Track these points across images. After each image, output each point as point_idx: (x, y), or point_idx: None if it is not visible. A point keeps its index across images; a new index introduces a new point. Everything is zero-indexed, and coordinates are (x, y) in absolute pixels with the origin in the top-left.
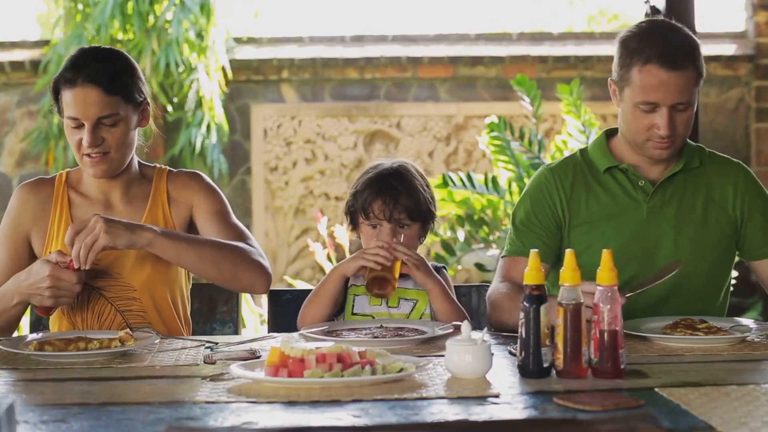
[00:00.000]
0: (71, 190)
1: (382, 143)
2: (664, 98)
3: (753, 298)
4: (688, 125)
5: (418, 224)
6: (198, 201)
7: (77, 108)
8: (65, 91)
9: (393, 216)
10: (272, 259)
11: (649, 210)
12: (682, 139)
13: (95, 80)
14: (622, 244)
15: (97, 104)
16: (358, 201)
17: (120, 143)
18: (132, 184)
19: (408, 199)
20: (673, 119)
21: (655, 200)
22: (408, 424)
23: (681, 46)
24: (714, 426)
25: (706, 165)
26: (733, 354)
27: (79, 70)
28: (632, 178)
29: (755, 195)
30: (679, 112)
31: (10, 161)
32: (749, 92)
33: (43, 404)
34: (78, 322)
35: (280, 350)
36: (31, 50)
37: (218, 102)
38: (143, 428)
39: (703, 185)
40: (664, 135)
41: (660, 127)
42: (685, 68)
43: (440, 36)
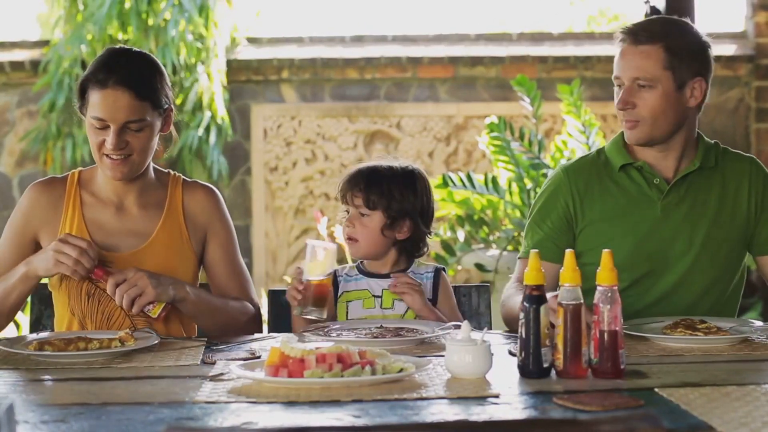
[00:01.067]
0: (83, 190)
1: (382, 143)
2: (623, 72)
3: (753, 298)
4: (653, 109)
5: (379, 214)
6: (213, 228)
7: (106, 110)
8: (94, 91)
9: (352, 201)
10: (272, 259)
11: (663, 208)
12: (651, 124)
13: (127, 84)
14: (636, 242)
15: (126, 108)
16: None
17: (143, 148)
18: (146, 188)
19: (368, 187)
20: (633, 95)
21: (670, 198)
22: (408, 424)
23: (649, 27)
24: (714, 426)
25: (720, 162)
26: (733, 354)
27: (111, 72)
28: (647, 176)
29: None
30: (642, 89)
31: (9, 161)
32: (749, 92)
33: (43, 404)
34: (87, 324)
35: (280, 350)
36: (31, 50)
37: (221, 102)
38: (143, 428)
39: (718, 183)
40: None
41: (617, 102)
42: (645, 44)
43: (440, 36)
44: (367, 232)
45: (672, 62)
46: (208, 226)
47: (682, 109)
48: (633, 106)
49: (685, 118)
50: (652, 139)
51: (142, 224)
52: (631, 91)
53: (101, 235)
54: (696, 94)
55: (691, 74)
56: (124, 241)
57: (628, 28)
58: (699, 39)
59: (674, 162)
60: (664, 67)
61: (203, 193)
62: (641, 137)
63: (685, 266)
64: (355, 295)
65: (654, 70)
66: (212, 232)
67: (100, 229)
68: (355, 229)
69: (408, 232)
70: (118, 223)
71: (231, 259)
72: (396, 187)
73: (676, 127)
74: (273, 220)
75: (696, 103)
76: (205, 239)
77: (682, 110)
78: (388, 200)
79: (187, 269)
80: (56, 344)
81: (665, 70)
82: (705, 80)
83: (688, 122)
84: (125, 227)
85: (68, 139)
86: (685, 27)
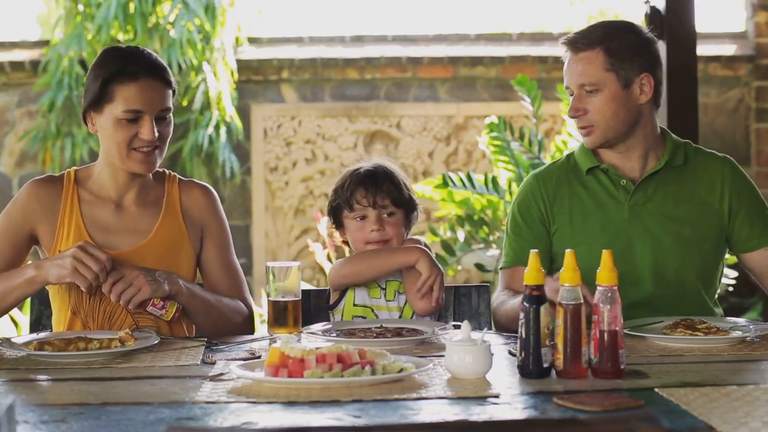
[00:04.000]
0: (81, 187)
1: (382, 143)
2: (569, 80)
3: (753, 298)
4: (603, 112)
5: (402, 212)
6: (209, 226)
7: (141, 100)
8: (124, 85)
9: (377, 202)
10: (272, 259)
11: (631, 208)
12: (604, 127)
13: (156, 73)
14: (605, 244)
15: (160, 97)
16: (340, 195)
17: (168, 137)
18: (145, 186)
19: (390, 184)
20: (582, 102)
21: (637, 198)
22: (408, 424)
23: (587, 33)
24: (714, 426)
25: (692, 161)
26: (733, 354)
27: (137, 64)
28: (613, 178)
29: (742, 188)
30: (590, 94)
31: (9, 161)
32: (749, 92)
33: (43, 404)
34: (89, 323)
35: (280, 350)
36: (31, 50)
37: (229, 101)
38: (143, 428)
39: (689, 181)
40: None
41: (570, 109)
42: (585, 50)
43: (440, 36)
44: (396, 231)
45: (613, 63)
46: (204, 224)
47: (634, 107)
48: (584, 112)
49: (640, 115)
50: (609, 141)
51: (142, 221)
52: (579, 97)
53: (100, 233)
54: (645, 90)
55: (635, 72)
56: (124, 238)
57: (568, 37)
58: (641, 37)
59: (639, 161)
60: (605, 69)
61: (200, 191)
62: (597, 141)
63: (656, 265)
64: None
65: (596, 74)
66: (208, 230)
67: (99, 227)
68: (385, 231)
69: (414, 221)
70: (117, 221)
71: (225, 258)
72: (401, 180)
73: (630, 125)
74: (273, 220)
75: (647, 99)
76: (202, 237)
77: (635, 108)
78: (407, 194)
79: (188, 265)
80: (56, 344)
81: (607, 72)
82: (652, 75)
83: (645, 119)
84: (124, 225)
85: (68, 138)
86: (625, 27)
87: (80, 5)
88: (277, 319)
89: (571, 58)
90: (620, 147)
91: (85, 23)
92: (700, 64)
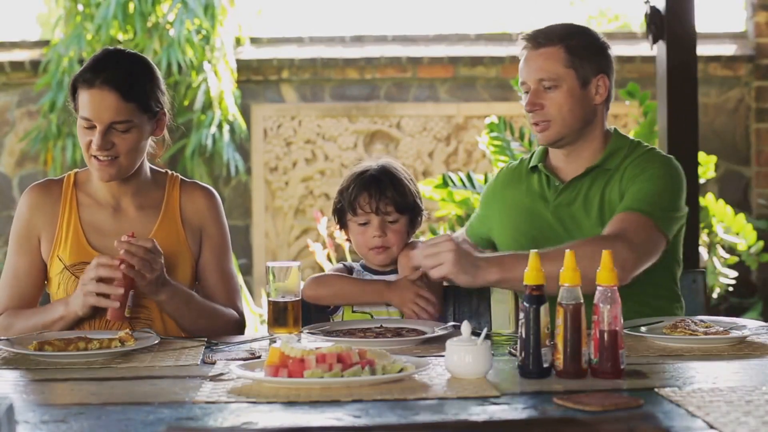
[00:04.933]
0: (79, 191)
1: (382, 143)
2: (527, 75)
3: (753, 298)
4: (561, 107)
5: (406, 218)
6: (207, 230)
7: (91, 110)
8: (82, 90)
9: (380, 209)
10: (272, 259)
11: (554, 209)
12: (560, 123)
13: (113, 84)
14: (533, 242)
15: (111, 109)
16: (344, 198)
17: (129, 150)
18: (143, 189)
19: (394, 191)
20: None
21: (561, 199)
22: (408, 424)
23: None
24: (714, 426)
25: (623, 163)
26: (733, 354)
27: (98, 72)
28: (550, 179)
29: (647, 169)
30: (548, 90)
31: (9, 161)
32: (749, 92)
33: (43, 404)
34: (85, 325)
35: (280, 350)
36: (31, 50)
37: (231, 100)
38: (143, 428)
39: (604, 181)
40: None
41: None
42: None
43: (440, 36)
44: (399, 237)
45: (573, 61)
46: (202, 228)
47: (589, 106)
48: (541, 107)
49: (593, 115)
50: (563, 138)
51: (139, 225)
52: (537, 92)
53: (98, 237)
54: (600, 91)
55: (593, 71)
56: None
57: (528, 34)
58: (598, 40)
59: (583, 163)
60: (565, 65)
61: (201, 194)
62: (551, 136)
63: None
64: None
65: (557, 69)
66: (206, 234)
67: (97, 231)
68: (387, 237)
69: (420, 224)
70: (114, 225)
71: (221, 264)
72: (406, 185)
73: (584, 123)
74: (273, 220)
75: (601, 100)
76: (201, 241)
77: (590, 107)
78: (411, 200)
79: (185, 271)
80: (56, 344)
81: (567, 69)
82: (608, 77)
83: (597, 120)
84: (122, 228)
85: (68, 138)
86: (583, 29)
87: (80, 5)
88: (277, 319)
89: (530, 54)
90: (569, 147)
91: (84, 23)
92: (700, 64)
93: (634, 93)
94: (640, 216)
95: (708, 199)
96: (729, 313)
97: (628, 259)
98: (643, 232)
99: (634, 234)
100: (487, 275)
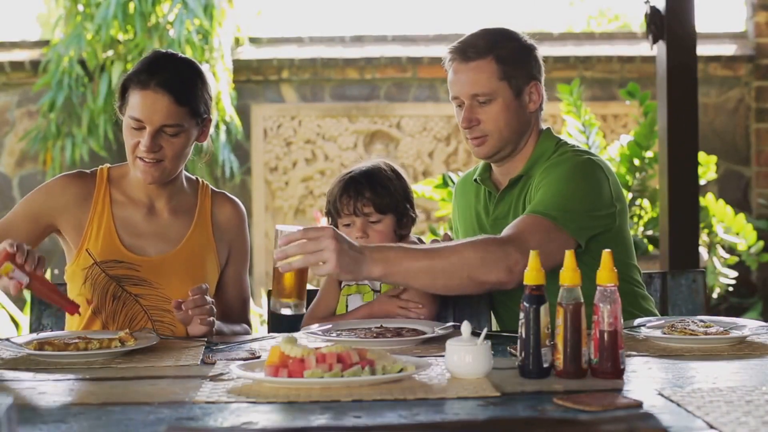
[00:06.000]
0: (113, 187)
1: (382, 143)
2: (460, 90)
3: (753, 298)
4: (497, 121)
5: (390, 217)
6: (235, 245)
7: (143, 111)
8: (135, 91)
9: (360, 210)
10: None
11: (492, 223)
12: (497, 137)
13: (168, 87)
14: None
15: (164, 112)
16: (330, 201)
17: (176, 154)
18: (177, 193)
19: (372, 192)
20: (475, 112)
21: (497, 212)
22: (408, 425)
23: (474, 42)
24: (714, 426)
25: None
26: (733, 354)
27: (153, 74)
28: (491, 192)
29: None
30: (482, 104)
31: (9, 161)
32: (749, 92)
33: (43, 404)
34: (110, 324)
35: (280, 350)
36: (31, 50)
37: (228, 100)
38: (143, 428)
39: (525, 190)
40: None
41: (460, 121)
42: (476, 59)
43: (440, 36)
44: (382, 237)
45: (505, 71)
46: (232, 242)
47: (524, 115)
48: (477, 123)
49: (528, 124)
50: (501, 151)
51: (173, 229)
52: (472, 108)
53: (129, 236)
54: (534, 98)
55: (525, 80)
56: (153, 245)
57: (455, 46)
58: (524, 43)
59: (514, 173)
60: (499, 78)
61: (231, 207)
62: (489, 151)
63: None
64: (354, 289)
65: (490, 83)
66: (234, 248)
67: (129, 230)
68: (369, 238)
69: (410, 223)
70: (148, 226)
71: (241, 280)
72: (391, 183)
73: (521, 134)
74: (273, 220)
75: (535, 107)
76: (228, 254)
77: (525, 117)
78: (395, 199)
79: (212, 279)
80: (56, 344)
81: (501, 81)
82: (539, 82)
83: (532, 127)
84: (155, 231)
85: (68, 138)
86: (509, 34)
87: (80, 5)
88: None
89: (459, 67)
90: (506, 159)
91: (84, 23)
92: (700, 64)
93: (634, 93)
94: (537, 218)
95: (708, 199)
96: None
97: (519, 261)
98: (539, 234)
99: (529, 236)
100: (371, 271)
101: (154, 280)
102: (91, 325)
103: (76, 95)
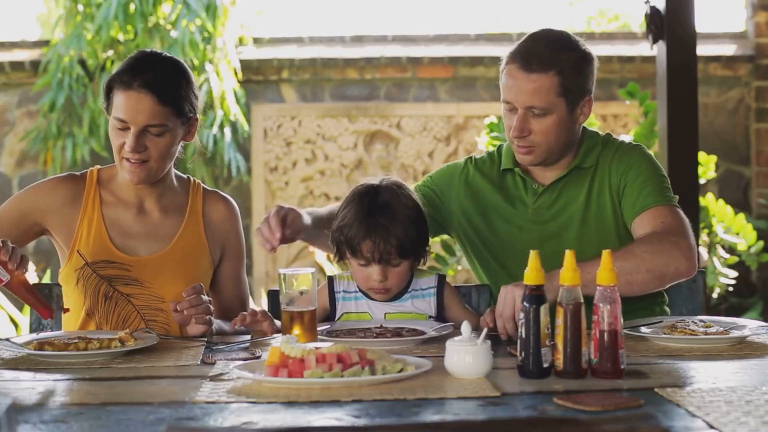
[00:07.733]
0: (103, 188)
1: (382, 143)
2: (516, 97)
3: (753, 298)
4: (548, 135)
5: (410, 259)
6: (229, 243)
7: (127, 111)
8: (119, 91)
9: (383, 257)
10: (272, 259)
11: (534, 211)
12: (545, 148)
13: (151, 87)
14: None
15: (147, 112)
16: (345, 236)
17: (162, 154)
18: (167, 192)
19: (397, 237)
20: (528, 122)
21: (541, 202)
22: (408, 424)
23: (539, 53)
24: (714, 426)
25: (601, 160)
26: (733, 354)
27: (136, 74)
28: (527, 181)
29: (634, 164)
30: (536, 116)
31: (9, 161)
32: (749, 92)
33: (43, 404)
34: (103, 325)
35: (280, 350)
36: (31, 50)
37: (233, 100)
38: (143, 428)
39: (588, 181)
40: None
41: (511, 129)
42: (539, 72)
43: (440, 36)
44: (401, 279)
45: (565, 88)
46: (225, 241)
47: (574, 127)
48: (529, 133)
49: (576, 135)
50: (546, 161)
51: (164, 228)
52: (525, 118)
53: (120, 236)
54: (585, 111)
55: (581, 94)
56: (144, 244)
57: (518, 53)
58: (584, 52)
59: (556, 171)
60: (557, 94)
61: (224, 205)
62: (536, 160)
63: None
64: (355, 317)
65: (548, 98)
66: (228, 247)
67: (120, 230)
68: (387, 281)
69: (426, 260)
70: (138, 226)
71: (238, 279)
72: (413, 224)
73: (568, 145)
74: None
75: (585, 120)
76: (222, 252)
77: (575, 129)
78: (417, 243)
79: (204, 278)
80: (56, 344)
81: (559, 97)
82: (591, 95)
83: (576, 136)
84: (145, 230)
85: (68, 138)
86: (570, 43)
87: (80, 5)
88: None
89: (519, 75)
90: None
91: (85, 23)
92: (700, 64)
93: (634, 93)
94: (665, 207)
95: (708, 199)
96: (729, 313)
97: (690, 247)
98: (679, 218)
99: (676, 222)
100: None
101: (146, 279)
102: (86, 326)
103: (76, 95)
